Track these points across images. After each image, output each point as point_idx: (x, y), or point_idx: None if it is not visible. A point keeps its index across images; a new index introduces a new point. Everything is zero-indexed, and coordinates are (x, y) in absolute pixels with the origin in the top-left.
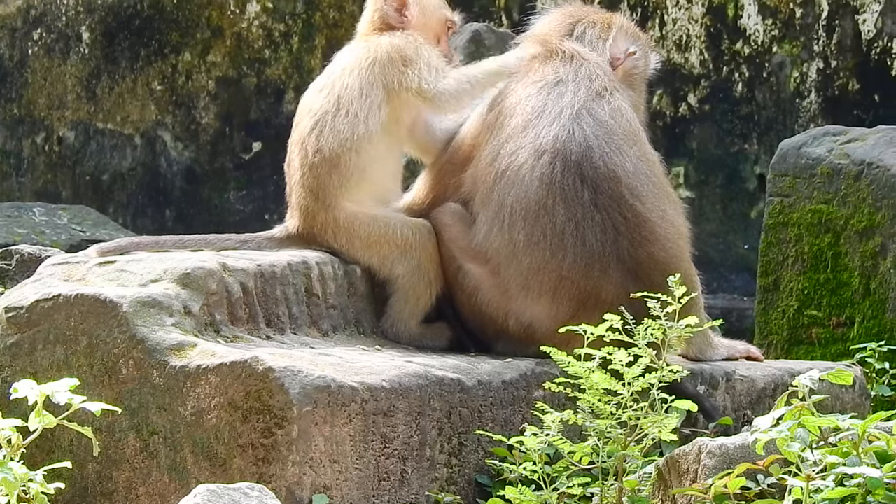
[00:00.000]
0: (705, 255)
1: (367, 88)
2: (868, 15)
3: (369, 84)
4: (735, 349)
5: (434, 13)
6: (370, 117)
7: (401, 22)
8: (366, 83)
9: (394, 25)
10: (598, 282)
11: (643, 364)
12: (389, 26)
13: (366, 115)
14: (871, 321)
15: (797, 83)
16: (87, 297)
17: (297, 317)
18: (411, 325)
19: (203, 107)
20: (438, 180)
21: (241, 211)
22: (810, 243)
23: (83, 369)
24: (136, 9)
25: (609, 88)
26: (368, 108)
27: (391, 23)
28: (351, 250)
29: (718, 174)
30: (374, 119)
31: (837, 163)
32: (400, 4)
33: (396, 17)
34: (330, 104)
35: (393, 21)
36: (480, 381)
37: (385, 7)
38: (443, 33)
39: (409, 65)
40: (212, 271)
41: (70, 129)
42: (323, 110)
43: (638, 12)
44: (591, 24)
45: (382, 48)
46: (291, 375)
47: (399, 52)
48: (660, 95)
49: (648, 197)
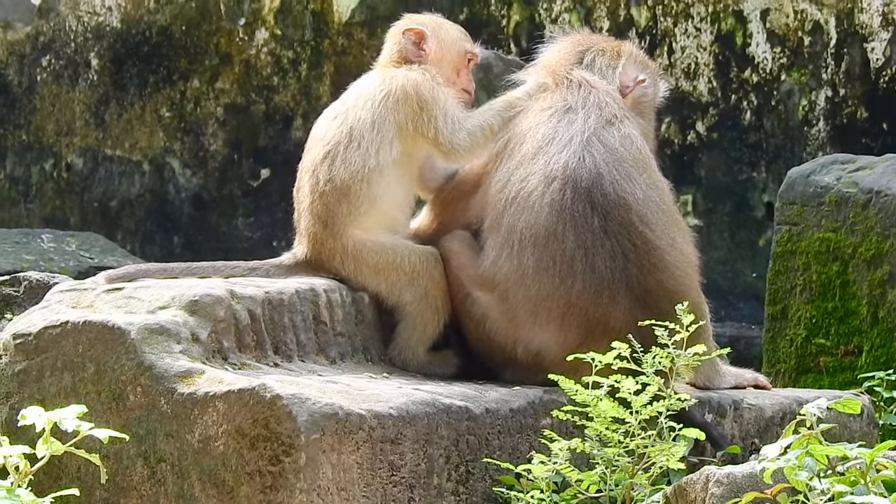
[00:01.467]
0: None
1: (379, 123)
2: (876, 43)
3: (381, 119)
4: (743, 377)
5: (453, 46)
6: (381, 152)
7: (419, 56)
8: (378, 118)
9: (411, 60)
10: (606, 309)
11: (651, 392)
12: (408, 60)
13: (377, 150)
14: (880, 350)
15: (805, 111)
16: (95, 323)
17: (304, 344)
18: (419, 352)
19: (211, 133)
20: (446, 207)
21: (249, 238)
22: (818, 272)
23: (91, 396)
24: (145, 35)
25: (619, 116)
26: (380, 143)
27: (409, 57)
28: (359, 277)
29: (727, 202)
30: (386, 154)
31: (846, 191)
32: (418, 38)
33: (415, 52)
34: (342, 135)
35: (411, 55)
36: (488, 408)
37: (403, 40)
38: (463, 66)
39: (424, 108)
40: (220, 298)
41: (78, 156)
42: (335, 140)
43: (646, 40)
44: (600, 52)
45: (397, 82)
46: (299, 403)
47: (415, 88)
48: (668, 123)
49: (658, 224)
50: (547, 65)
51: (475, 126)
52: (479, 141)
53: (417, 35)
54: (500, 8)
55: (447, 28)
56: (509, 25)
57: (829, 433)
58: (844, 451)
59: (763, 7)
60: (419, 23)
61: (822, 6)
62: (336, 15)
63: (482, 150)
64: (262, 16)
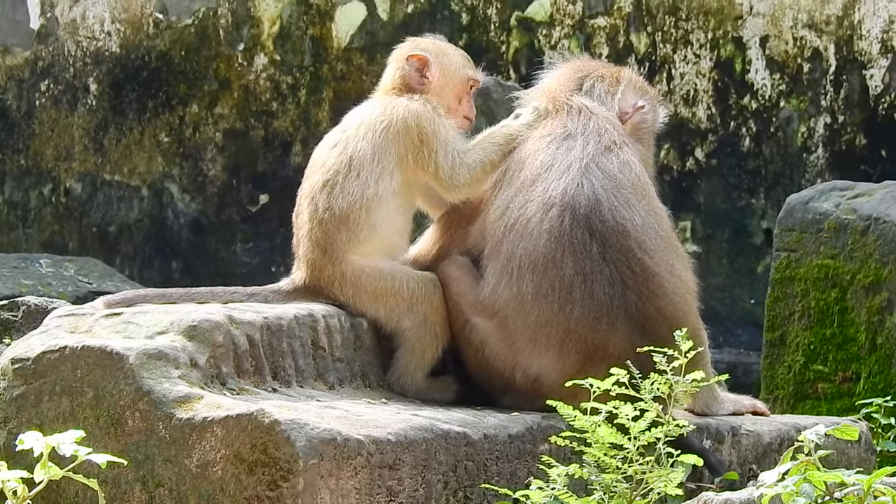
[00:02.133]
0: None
1: (379, 154)
2: (875, 70)
3: (382, 150)
4: (741, 404)
5: (456, 73)
6: (381, 182)
7: (422, 84)
8: (379, 149)
9: (414, 87)
10: (605, 335)
11: (649, 418)
12: (410, 87)
13: (376, 180)
14: (878, 376)
15: (804, 138)
16: (94, 348)
17: (303, 369)
18: (417, 378)
19: (210, 159)
20: (445, 234)
21: (247, 263)
22: (817, 298)
23: (89, 421)
24: (144, 60)
25: (618, 143)
26: (380, 173)
27: (412, 84)
28: (357, 303)
29: (725, 228)
30: (385, 184)
31: (844, 218)
32: (422, 65)
33: (417, 79)
34: (342, 164)
35: (414, 83)
36: (486, 434)
37: (406, 67)
38: (465, 93)
39: (425, 142)
40: (218, 324)
41: (77, 181)
42: (335, 169)
43: (646, 66)
44: (599, 78)
45: (398, 113)
46: (297, 428)
47: (416, 120)
48: (667, 149)
49: (656, 251)
50: (546, 90)
51: (475, 161)
52: (478, 176)
53: (421, 62)
54: (500, 34)
55: (450, 54)
56: (509, 52)
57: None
58: (842, 477)
59: (762, 34)
60: (423, 49)
61: (821, 33)
62: (335, 40)
63: (481, 186)
64: (261, 41)
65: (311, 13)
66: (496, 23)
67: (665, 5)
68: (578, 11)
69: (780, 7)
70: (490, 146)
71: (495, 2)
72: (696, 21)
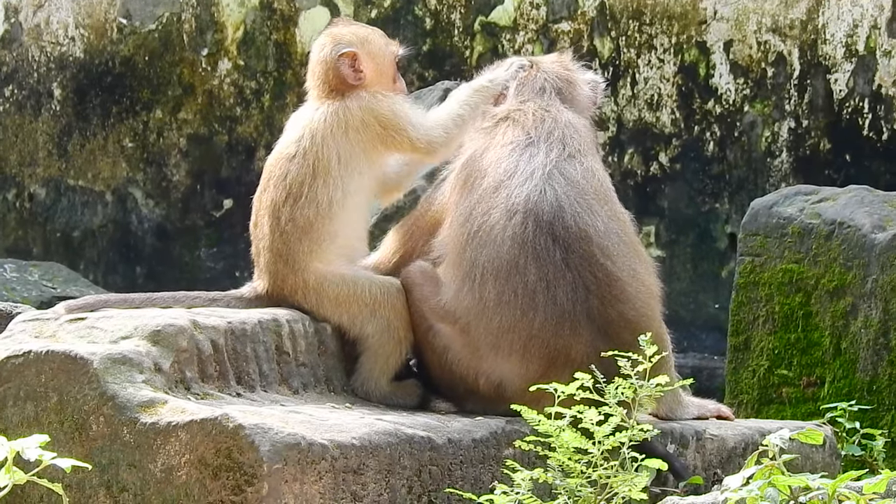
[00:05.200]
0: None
1: (346, 157)
2: (840, 74)
3: (347, 152)
4: (706, 408)
5: (383, 57)
6: (349, 183)
7: (358, 79)
8: (343, 151)
9: (351, 84)
10: (567, 340)
11: (613, 423)
12: (346, 84)
13: (345, 182)
14: (842, 381)
15: (768, 142)
16: (58, 353)
17: (267, 374)
18: (382, 383)
19: (174, 164)
20: (407, 240)
21: (211, 268)
22: (781, 303)
23: (53, 426)
24: (108, 66)
25: (582, 150)
26: (349, 174)
27: (349, 81)
28: (321, 310)
29: (689, 233)
30: (353, 184)
31: (808, 222)
32: (352, 60)
33: (353, 76)
34: (306, 175)
35: (350, 79)
36: (451, 439)
37: (338, 65)
38: (394, 70)
39: (388, 126)
40: (182, 328)
41: (41, 186)
42: (299, 180)
43: (609, 71)
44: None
45: (353, 114)
46: (262, 433)
47: (371, 113)
48: (631, 154)
49: (619, 256)
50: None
51: (446, 119)
52: (453, 133)
53: (351, 58)
54: (464, 39)
55: (372, 39)
56: (472, 56)
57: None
58: (807, 481)
59: (726, 38)
60: (347, 43)
61: (785, 37)
62: (299, 45)
63: (459, 139)
64: (225, 46)
65: (274, 18)
66: (460, 28)
67: (629, 10)
68: (542, 16)
69: (743, 11)
70: (457, 103)
71: (459, 6)
72: (660, 25)
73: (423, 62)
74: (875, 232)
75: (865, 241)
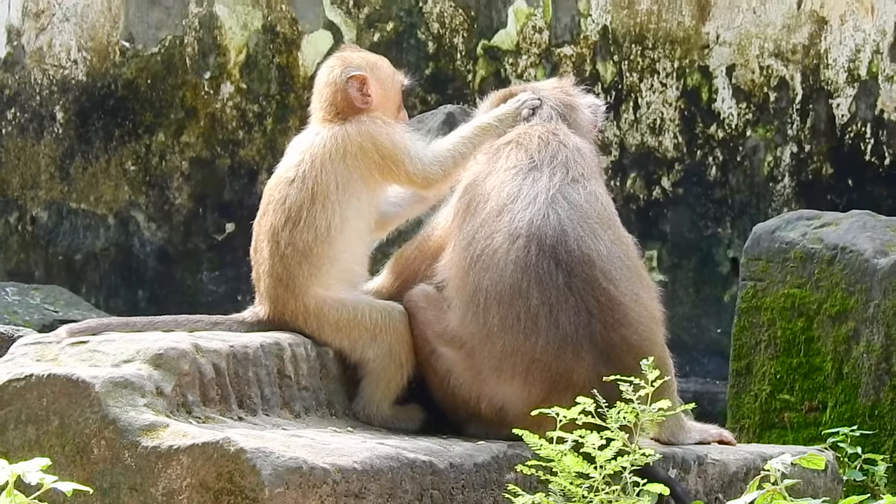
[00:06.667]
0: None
1: (343, 183)
2: (842, 99)
3: (345, 178)
4: (707, 433)
5: (391, 84)
6: (347, 209)
7: (365, 103)
8: (341, 178)
9: (358, 107)
10: (570, 364)
11: (615, 447)
12: (352, 108)
13: (343, 207)
14: (844, 406)
15: (771, 167)
16: (60, 377)
17: (269, 398)
18: (383, 407)
19: (176, 187)
20: (409, 265)
21: (213, 292)
22: (783, 327)
23: (55, 449)
24: (110, 89)
25: (586, 174)
26: (347, 199)
27: (356, 104)
28: (321, 335)
29: (692, 258)
30: (352, 210)
31: (811, 247)
32: (361, 83)
33: (361, 99)
34: (305, 199)
35: (358, 103)
36: (452, 463)
37: (347, 87)
38: (399, 99)
39: (387, 157)
40: (184, 352)
41: (43, 209)
42: (298, 204)
43: (612, 95)
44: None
45: (352, 138)
46: (263, 456)
47: (371, 140)
48: (633, 178)
49: (622, 280)
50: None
51: (445, 154)
52: (450, 169)
53: (360, 81)
54: (466, 63)
55: (381, 66)
56: (475, 80)
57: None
58: None
59: (729, 63)
60: (357, 67)
61: (787, 62)
62: (302, 69)
63: (456, 176)
64: (227, 69)
65: (277, 42)
66: (462, 51)
67: (631, 34)
68: (545, 40)
69: (746, 36)
70: (459, 139)
71: (462, 30)
72: (663, 50)
73: (426, 86)
74: (877, 257)
75: (868, 266)
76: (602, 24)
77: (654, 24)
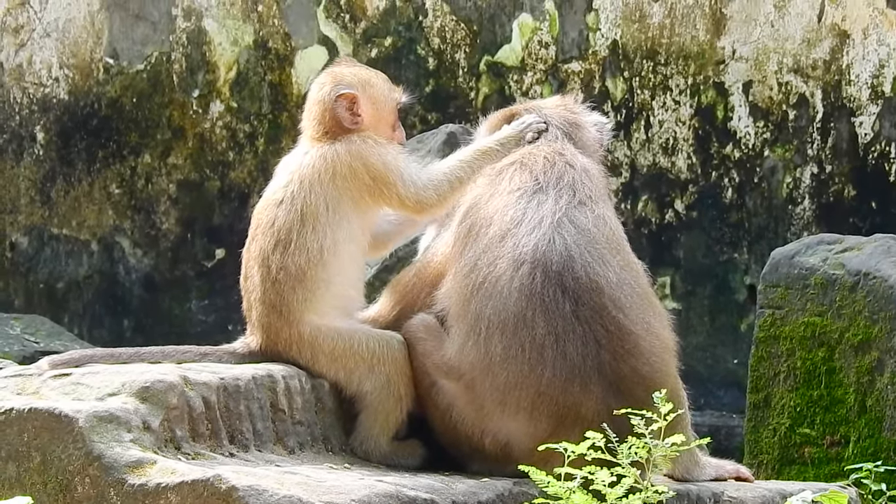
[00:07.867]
0: (692, 370)
1: (332, 205)
2: (865, 117)
3: (335, 200)
4: (724, 469)
5: (385, 103)
6: (338, 232)
7: (355, 123)
8: (331, 199)
9: (348, 127)
10: (578, 397)
11: (627, 484)
12: (342, 127)
13: (333, 230)
14: (868, 440)
15: (790, 189)
16: (41, 411)
17: (261, 433)
18: (381, 442)
19: (163, 211)
20: (408, 293)
21: (203, 321)
22: (803, 358)
23: (36, 487)
24: (94, 108)
25: (593, 197)
26: (337, 222)
27: (345, 124)
28: (316, 366)
29: (706, 284)
30: (344, 232)
31: (832, 273)
32: (350, 102)
33: (350, 119)
34: (294, 221)
35: (347, 122)
36: (455, 501)
37: (335, 106)
38: (395, 118)
39: (378, 179)
40: (172, 385)
41: (23, 235)
42: (287, 227)
43: (622, 113)
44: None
45: (341, 159)
46: (256, 495)
47: (361, 161)
48: (645, 201)
49: (632, 309)
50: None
51: (441, 178)
52: (446, 193)
53: (350, 100)
54: (469, 80)
55: (375, 83)
56: (478, 98)
57: None
58: None
59: (745, 79)
60: (347, 84)
61: (807, 78)
62: (295, 87)
63: (452, 201)
64: (216, 87)
65: (269, 58)
66: (465, 68)
67: (643, 49)
68: (551, 56)
69: (763, 51)
70: (458, 162)
71: (464, 46)
72: (676, 66)
73: (426, 104)
74: None
75: (892, 293)
76: (612, 38)
77: (667, 38)
